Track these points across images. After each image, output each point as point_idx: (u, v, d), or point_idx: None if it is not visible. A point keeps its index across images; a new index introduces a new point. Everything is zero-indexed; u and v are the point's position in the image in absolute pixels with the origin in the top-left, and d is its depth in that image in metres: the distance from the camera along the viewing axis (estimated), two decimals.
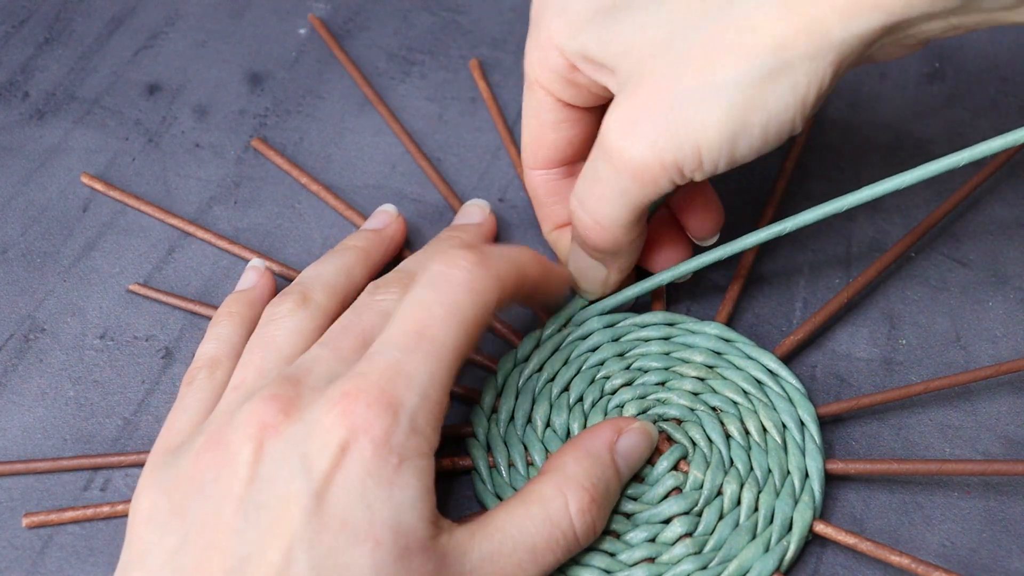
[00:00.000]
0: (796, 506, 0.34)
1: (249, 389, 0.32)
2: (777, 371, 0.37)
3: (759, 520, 0.34)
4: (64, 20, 0.49)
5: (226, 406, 0.32)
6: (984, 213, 0.42)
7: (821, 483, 0.35)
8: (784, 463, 0.35)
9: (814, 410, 0.36)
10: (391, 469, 0.29)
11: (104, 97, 0.46)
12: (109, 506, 0.35)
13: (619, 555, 0.34)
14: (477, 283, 0.31)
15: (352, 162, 0.44)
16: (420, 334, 0.30)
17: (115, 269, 0.41)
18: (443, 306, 0.31)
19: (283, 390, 0.30)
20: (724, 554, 0.33)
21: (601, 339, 0.38)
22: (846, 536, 0.34)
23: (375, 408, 0.29)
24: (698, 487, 0.35)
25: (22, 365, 0.39)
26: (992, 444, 0.37)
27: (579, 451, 0.33)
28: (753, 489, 0.34)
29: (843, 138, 0.45)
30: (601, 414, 0.36)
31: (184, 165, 0.44)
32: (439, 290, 0.31)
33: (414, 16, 0.49)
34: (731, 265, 0.40)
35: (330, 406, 0.29)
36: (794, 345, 0.38)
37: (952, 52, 0.47)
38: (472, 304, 0.31)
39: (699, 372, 0.37)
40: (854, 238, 0.42)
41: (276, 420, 0.30)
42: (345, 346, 0.32)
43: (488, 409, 0.37)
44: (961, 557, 0.34)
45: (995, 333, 0.39)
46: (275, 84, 0.47)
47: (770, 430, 0.36)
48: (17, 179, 0.44)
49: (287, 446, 0.29)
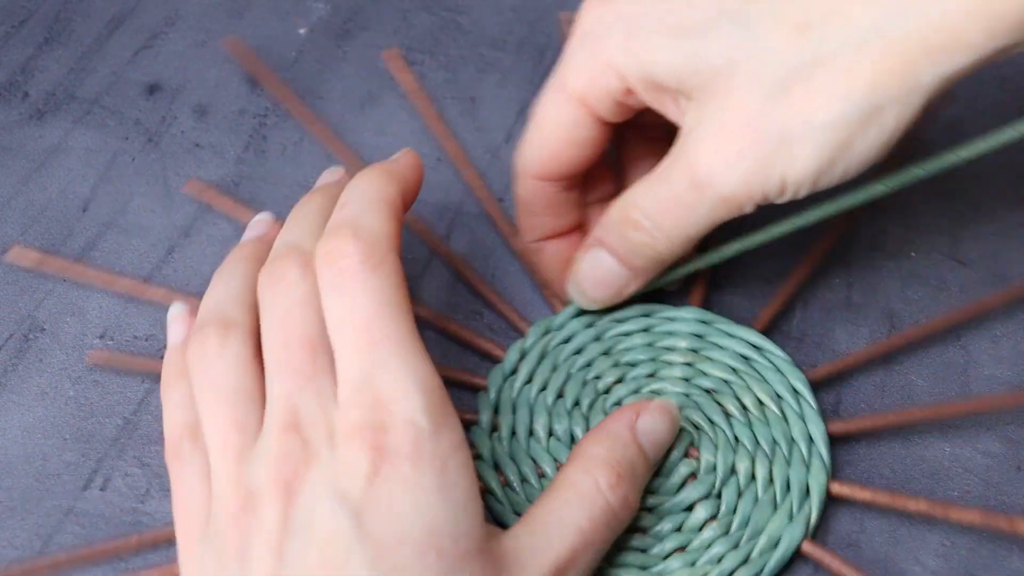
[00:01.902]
0: (809, 471, 0.35)
1: (238, 449, 0.31)
2: (761, 345, 0.37)
3: (776, 491, 0.35)
4: (64, 20, 0.49)
5: (225, 472, 0.30)
6: (984, 213, 0.42)
7: (826, 445, 0.35)
8: (788, 432, 0.35)
9: (804, 377, 0.37)
10: (436, 475, 0.29)
11: (104, 97, 0.46)
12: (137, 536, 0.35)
13: (651, 550, 0.34)
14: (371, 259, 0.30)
15: (352, 162, 0.44)
16: (374, 344, 0.30)
17: (115, 269, 0.41)
18: (366, 303, 0.30)
19: (288, 445, 0.29)
20: (752, 530, 0.34)
21: (584, 340, 0.38)
22: (863, 492, 0.35)
23: (393, 433, 0.29)
24: (711, 470, 0.35)
25: (22, 365, 0.39)
26: (992, 443, 0.37)
27: (600, 434, 0.33)
28: (764, 462, 0.35)
29: None
30: (601, 414, 0.36)
31: (184, 165, 0.44)
32: (348, 294, 0.30)
33: (414, 16, 0.49)
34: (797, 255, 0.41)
35: (347, 441, 0.29)
36: (772, 315, 0.38)
37: None
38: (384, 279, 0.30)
39: (686, 357, 0.37)
40: (854, 238, 0.42)
41: (296, 473, 0.29)
42: (303, 365, 0.30)
43: (488, 427, 0.37)
44: (961, 556, 0.34)
45: (995, 332, 0.39)
46: (275, 84, 0.47)
47: (766, 403, 0.36)
48: (17, 179, 0.44)
49: (316, 490, 0.29)
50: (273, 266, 0.32)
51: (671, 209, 0.34)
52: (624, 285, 0.37)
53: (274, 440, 0.30)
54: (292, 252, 0.32)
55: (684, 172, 0.33)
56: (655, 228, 0.34)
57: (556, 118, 0.35)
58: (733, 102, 0.32)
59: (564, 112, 0.35)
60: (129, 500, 0.36)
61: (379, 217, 0.32)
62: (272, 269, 0.32)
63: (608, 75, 0.34)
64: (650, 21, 0.33)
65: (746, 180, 0.32)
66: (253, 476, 0.30)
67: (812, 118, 0.31)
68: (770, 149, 0.31)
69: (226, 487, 0.30)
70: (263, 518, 0.29)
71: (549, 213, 0.38)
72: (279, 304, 0.31)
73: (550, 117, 0.35)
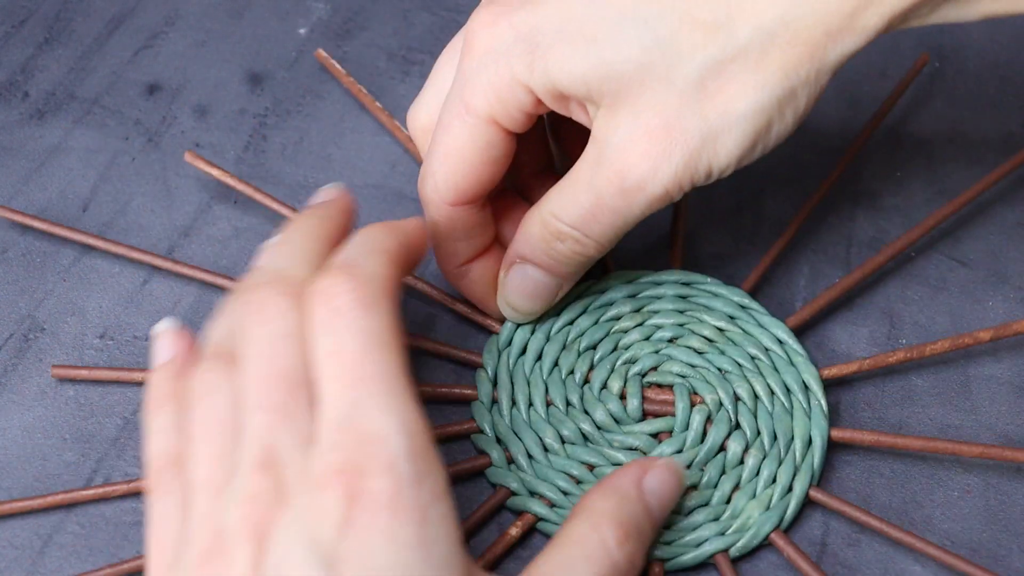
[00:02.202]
0: (810, 413, 0.36)
1: (218, 485, 0.29)
2: (748, 304, 0.39)
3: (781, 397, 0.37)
4: (64, 20, 0.49)
5: (202, 509, 0.29)
6: (984, 213, 0.42)
7: (823, 445, 0.36)
8: (781, 381, 0.37)
9: (818, 374, 0.37)
10: (416, 528, 0.27)
11: (104, 97, 0.46)
12: None
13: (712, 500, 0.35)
14: (365, 297, 0.29)
15: (352, 162, 0.44)
16: (359, 380, 0.28)
17: (115, 269, 0.41)
18: (356, 341, 0.29)
19: (261, 485, 0.28)
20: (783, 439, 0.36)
21: (584, 319, 0.39)
22: (864, 435, 0.36)
23: (370, 478, 0.27)
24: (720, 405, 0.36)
25: (22, 364, 0.39)
26: (992, 443, 0.37)
27: (606, 490, 0.33)
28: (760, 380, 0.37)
29: (843, 138, 0.45)
30: (622, 377, 0.37)
31: (184, 165, 0.44)
32: (340, 332, 0.29)
33: (414, 16, 0.49)
34: (766, 236, 0.42)
35: (322, 486, 0.27)
36: (809, 315, 0.39)
37: (953, 52, 0.47)
38: (376, 319, 0.29)
39: (674, 319, 0.38)
40: (854, 238, 0.42)
41: (267, 516, 0.27)
42: (284, 401, 0.29)
43: (488, 401, 0.37)
44: (961, 556, 0.34)
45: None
46: (275, 84, 0.47)
47: (758, 355, 0.38)
48: (17, 179, 0.44)
49: (288, 536, 0.27)
50: (258, 292, 0.30)
51: (599, 216, 0.34)
52: (555, 293, 0.37)
53: (246, 479, 0.28)
54: (278, 281, 0.31)
55: (611, 180, 0.33)
56: (583, 237, 0.35)
57: (466, 141, 0.35)
58: (650, 106, 0.32)
59: (475, 134, 0.34)
60: (129, 499, 0.36)
61: (377, 261, 0.31)
62: (256, 296, 0.30)
63: (516, 91, 0.33)
64: (549, 33, 0.33)
65: (676, 177, 0.33)
66: (226, 515, 0.28)
67: (731, 110, 0.32)
68: (695, 146, 0.32)
69: (198, 525, 0.29)
70: (233, 562, 0.27)
71: (469, 236, 0.37)
72: (261, 336, 0.30)
73: (460, 141, 0.35)
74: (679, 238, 0.41)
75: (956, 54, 0.47)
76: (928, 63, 0.46)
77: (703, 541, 0.34)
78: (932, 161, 0.44)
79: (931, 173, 0.44)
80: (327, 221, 0.33)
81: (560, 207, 0.35)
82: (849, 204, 0.43)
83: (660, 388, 0.37)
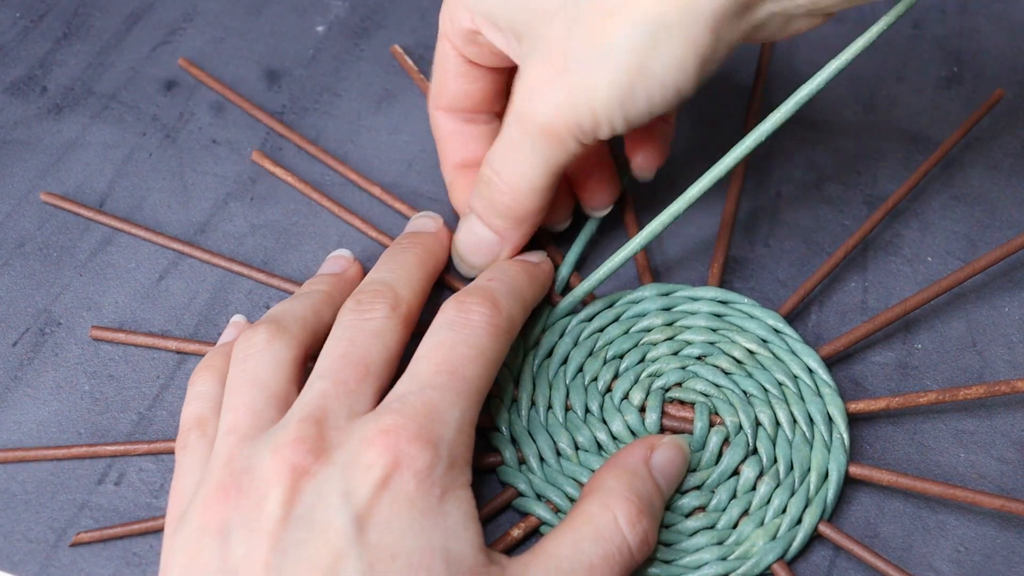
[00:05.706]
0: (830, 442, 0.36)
1: (245, 432, 0.31)
2: (781, 328, 0.38)
3: (803, 427, 0.36)
4: (82, 15, 0.49)
5: (225, 450, 0.31)
6: (1000, 217, 0.42)
7: (839, 480, 0.35)
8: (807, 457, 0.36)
9: (844, 407, 0.36)
10: (436, 500, 0.30)
11: (122, 92, 0.46)
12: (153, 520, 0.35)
13: (718, 524, 0.35)
14: (496, 327, 0.33)
15: (369, 160, 0.44)
16: (452, 373, 0.31)
17: (131, 264, 0.41)
18: (469, 347, 0.32)
19: (306, 432, 0.30)
20: (799, 469, 0.35)
21: (615, 328, 0.39)
22: (882, 474, 0.35)
23: (416, 444, 0.30)
24: (739, 429, 0.36)
25: (38, 359, 0.39)
26: (1007, 450, 0.37)
27: (616, 468, 0.33)
28: (781, 405, 0.36)
29: (859, 141, 0.45)
30: (644, 390, 0.37)
31: (201, 161, 0.44)
32: (461, 332, 0.32)
33: (431, 14, 0.49)
34: (780, 239, 0.41)
35: (367, 444, 0.30)
36: (790, 309, 0.39)
37: (970, 56, 0.47)
38: (494, 345, 0.33)
39: (706, 336, 0.38)
40: (871, 242, 0.42)
41: (306, 462, 0.30)
42: (349, 378, 0.32)
43: (508, 400, 0.37)
44: (975, 563, 0.34)
45: (1011, 339, 0.39)
46: (292, 81, 0.47)
47: (782, 378, 0.37)
48: (35, 173, 0.44)
49: (324, 485, 0.29)
50: (363, 295, 0.34)
51: (507, 154, 0.35)
52: (495, 249, 0.38)
53: (292, 425, 0.30)
54: (386, 290, 0.34)
55: (512, 112, 0.35)
56: (499, 179, 0.36)
57: (438, 55, 0.38)
58: (544, 37, 0.33)
59: (440, 50, 0.38)
60: (143, 495, 0.36)
61: (517, 307, 0.35)
62: (362, 299, 0.34)
63: (460, 12, 0.36)
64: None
65: (558, 108, 0.33)
66: (256, 458, 0.30)
67: (603, 42, 0.32)
68: (575, 77, 0.33)
69: (218, 465, 0.31)
70: (265, 500, 0.29)
71: (457, 142, 0.40)
72: (353, 327, 0.33)
73: (436, 55, 0.39)
74: (721, 255, 0.40)
75: (974, 58, 0.47)
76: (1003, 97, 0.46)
77: (703, 564, 0.34)
78: (950, 166, 0.44)
79: (948, 177, 0.44)
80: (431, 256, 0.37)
81: (491, 151, 0.36)
82: (868, 208, 0.43)
83: (682, 404, 0.37)
